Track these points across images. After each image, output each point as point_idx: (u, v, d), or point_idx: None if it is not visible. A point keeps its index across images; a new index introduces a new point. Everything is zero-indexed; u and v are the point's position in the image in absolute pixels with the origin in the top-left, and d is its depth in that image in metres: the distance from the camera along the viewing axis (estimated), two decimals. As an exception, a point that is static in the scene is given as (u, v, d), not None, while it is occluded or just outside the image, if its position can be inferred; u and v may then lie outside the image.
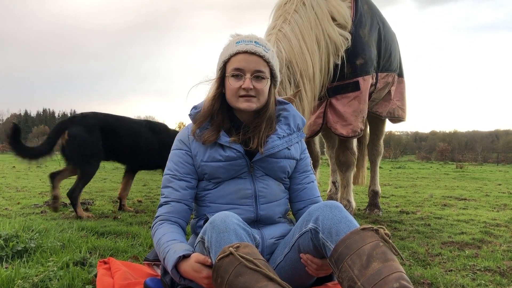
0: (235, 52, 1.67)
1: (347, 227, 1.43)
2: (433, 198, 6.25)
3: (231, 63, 1.68)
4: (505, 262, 2.56)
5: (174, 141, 1.82)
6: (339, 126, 3.61)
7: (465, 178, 11.73)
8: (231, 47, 1.70)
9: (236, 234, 1.40)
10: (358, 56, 3.55)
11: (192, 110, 1.80)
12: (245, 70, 1.66)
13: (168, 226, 1.66)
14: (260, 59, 1.68)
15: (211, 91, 1.78)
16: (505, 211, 4.97)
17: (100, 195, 5.84)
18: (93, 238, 2.87)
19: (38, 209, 4.30)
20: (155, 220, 1.71)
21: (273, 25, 3.24)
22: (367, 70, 3.65)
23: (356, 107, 3.59)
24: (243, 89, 1.65)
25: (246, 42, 1.68)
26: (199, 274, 1.41)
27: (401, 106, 4.51)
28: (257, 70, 1.67)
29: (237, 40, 1.70)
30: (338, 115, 3.60)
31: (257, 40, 1.70)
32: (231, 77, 1.67)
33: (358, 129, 3.63)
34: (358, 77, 3.57)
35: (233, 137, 1.71)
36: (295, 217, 1.90)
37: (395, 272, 1.28)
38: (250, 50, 1.66)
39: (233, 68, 1.67)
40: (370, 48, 3.69)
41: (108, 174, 10.97)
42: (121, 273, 1.94)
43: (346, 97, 3.60)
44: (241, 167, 1.72)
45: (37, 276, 1.97)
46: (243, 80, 1.66)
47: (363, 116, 3.67)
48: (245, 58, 1.66)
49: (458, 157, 40.17)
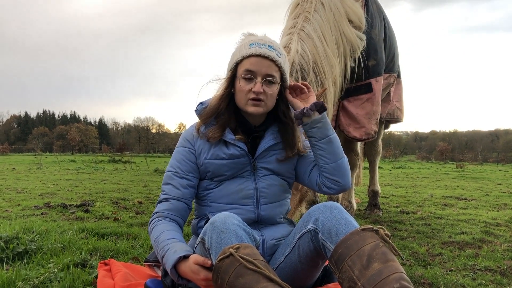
0: (248, 54, 1.66)
1: (347, 228, 1.44)
2: (433, 198, 6.25)
3: (243, 64, 1.67)
4: (506, 261, 2.56)
5: (179, 139, 1.83)
6: (351, 128, 3.56)
7: (465, 178, 11.72)
8: (244, 48, 1.69)
9: (236, 235, 1.40)
10: (370, 57, 3.50)
11: (199, 106, 1.80)
12: (256, 74, 1.65)
13: (167, 223, 1.65)
14: (273, 63, 1.67)
15: (220, 89, 1.78)
16: (505, 210, 4.97)
17: (100, 196, 5.84)
18: (94, 240, 2.87)
19: (38, 211, 4.30)
20: (154, 216, 1.70)
21: (293, 24, 3.17)
22: (379, 71, 3.61)
23: (369, 109, 3.55)
24: (253, 92, 1.64)
25: (260, 45, 1.67)
26: (197, 276, 1.41)
27: (399, 107, 4.50)
28: (269, 75, 1.66)
29: (251, 41, 1.69)
30: (351, 118, 3.55)
31: (270, 44, 1.69)
32: (242, 79, 1.66)
33: (371, 132, 3.58)
34: (371, 79, 3.53)
35: (239, 135, 1.71)
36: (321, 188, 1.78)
37: (396, 273, 1.28)
38: (263, 54, 1.65)
39: (244, 70, 1.66)
40: (381, 48, 3.66)
41: (108, 175, 10.98)
42: (121, 274, 1.94)
43: (358, 99, 3.55)
44: (244, 166, 1.72)
45: (37, 278, 1.98)
46: (253, 84, 1.65)
47: (376, 118, 3.62)
48: (258, 62, 1.65)
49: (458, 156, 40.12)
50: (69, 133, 66.80)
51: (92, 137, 71.33)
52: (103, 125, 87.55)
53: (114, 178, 9.71)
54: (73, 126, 72.57)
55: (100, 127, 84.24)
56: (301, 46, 2.98)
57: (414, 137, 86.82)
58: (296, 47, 2.95)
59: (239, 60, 1.69)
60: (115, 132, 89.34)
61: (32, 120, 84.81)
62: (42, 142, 60.33)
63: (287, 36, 3.11)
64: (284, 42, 3.08)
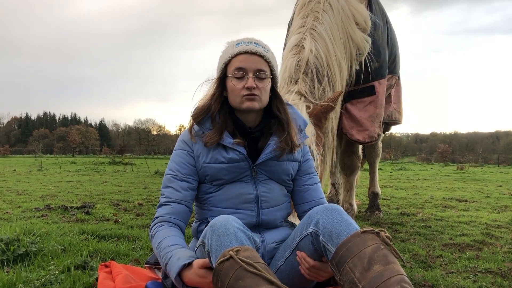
0: (236, 53, 1.68)
1: (348, 230, 1.44)
2: (433, 199, 6.25)
3: (232, 63, 1.69)
4: (506, 263, 2.56)
5: (177, 141, 1.82)
6: (355, 131, 3.54)
7: (465, 180, 11.71)
8: (231, 49, 1.71)
9: (236, 237, 1.40)
10: (374, 59, 3.49)
11: (194, 111, 1.80)
12: (247, 70, 1.67)
13: (168, 229, 1.64)
14: (261, 59, 1.69)
15: (210, 90, 1.79)
16: (506, 212, 4.96)
17: (100, 198, 5.84)
18: (94, 242, 2.87)
19: (39, 213, 4.30)
20: (155, 221, 1.68)
21: (302, 23, 3.15)
22: (382, 73, 3.59)
23: (372, 112, 3.53)
24: (247, 88, 1.65)
25: (246, 43, 1.70)
26: (205, 280, 1.40)
27: (398, 108, 4.48)
28: (259, 69, 1.68)
29: (237, 42, 1.72)
30: (354, 120, 3.53)
31: (256, 42, 1.72)
32: (234, 78, 1.67)
33: (375, 134, 3.56)
34: (374, 81, 3.51)
35: (238, 138, 1.71)
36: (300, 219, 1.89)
37: (397, 275, 1.28)
38: (251, 50, 1.68)
39: (235, 68, 1.67)
40: (384, 50, 3.64)
41: (108, 177, 10.98)
42: (122, 276, 1.94)
43: (361, 101, 3.53)
44: (243, 170, 1.72)
45: (38, 280, 1.98)
46: (245, 80, 1.66)
47: (379, 120, 3.60)
48: (247, 58, 1.67)
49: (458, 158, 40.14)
50: (69, 135, 66.75)
51: (92, 138, 71.31)
52: (104, 126, 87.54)
53: (115, 180, 9.71)
54: (73, 127, 72.53)
55: (101, 128, 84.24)
56: (315, 47, 2.97)
57: (415, 139, 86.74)
58: (310, 46, 2.94)
59: (227, 60, 1.70)
60: (115, 133, 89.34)
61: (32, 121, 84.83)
62: (42, 143, 60.27)
63: (297, 35, 3.09)
64: (294, 40, 3.05)
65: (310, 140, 2.49)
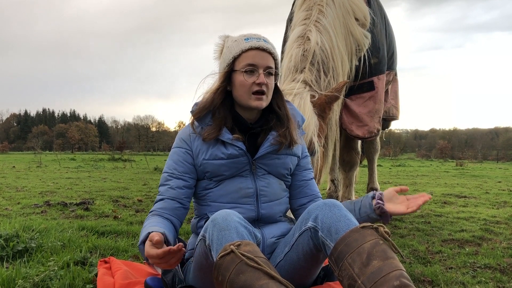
0: (247, 48, 1.68)
1: (347, 226, 1.44)
2: (433, 195, 6.25)
3: (243, 59, 1.68)
4: (505, 259, 2.56)
5: (175, 139, 1.82)
6: (354, 127, 3.54)
7: (465, 176, 11.73)
8: (241, 43, 1.70)
9: (237, 232, 1.40)
10: (372, 54, 3.49)
11: (194, 107, 1.79)
12: (258, 66, 1.67)
13: (158, 218, 1.65)
14: (270, 56, 1.70)
15: (215, 84, 1.78)
16: (505, 208, 4.97)
17: (100, 194, 5.84)
18: (94, 238, 2.87)
19: (38, 209, 4.30)
20: (148, 215, 1.71)
21: (306, 15, 3.14)
22: (381, 69, 3.59)
23: (371, 107, 3.53)
24: (257, 84, 1.66)
25: (256, 39, 1.70)
26: (149, 252, 1.33)
27: (395, 104, 4.48)
28: (269, 66, 1.69)
29: (245, 37, 1.72)
30: (353, 116, 3.53)
31: (264, 38, 1.73)
32: (245, 73, 1.67)
33: (374, 130, 3.56)
34: (373, 77, 3.51)
35: (237, 134, 1.71)
36: (295, 213, 1.90)
37: (396, 270, 1.28)
38: (262, 46, 1.68)
39: (246, 64, 1.67)
40: (383, 46, 3.65)
41: (108, 173, 10.98)
42: (121, 272, 1.94)
43: (361, 97, 3.53)
44: (243, 165, 1.72)
45: (37, 276, 1.98)
46: (256, 76, 1.67)
47: (379, 116, 3.60)
48: (258, 54, 1.68)
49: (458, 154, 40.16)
50: (68, 132, 66.72)
51: (92, 135, 71.23)
52: (103, 123, 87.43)
53: (114, 177, 9.71)
54: (72, 124, 72.43)
55: (100, 125, 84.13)
56: (320, 39, 2.97)
57: (414, 135, 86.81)
58: (316, 38, 2.94)
59: (237, 54, 1.69)
60: (114, 130, 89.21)
61: (31, 118, 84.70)
62: (41, 140, 60.22)
63: (302, 26, 3.08)
64: (299, 31, 3.04)
65: (312, 132, 2.49)
